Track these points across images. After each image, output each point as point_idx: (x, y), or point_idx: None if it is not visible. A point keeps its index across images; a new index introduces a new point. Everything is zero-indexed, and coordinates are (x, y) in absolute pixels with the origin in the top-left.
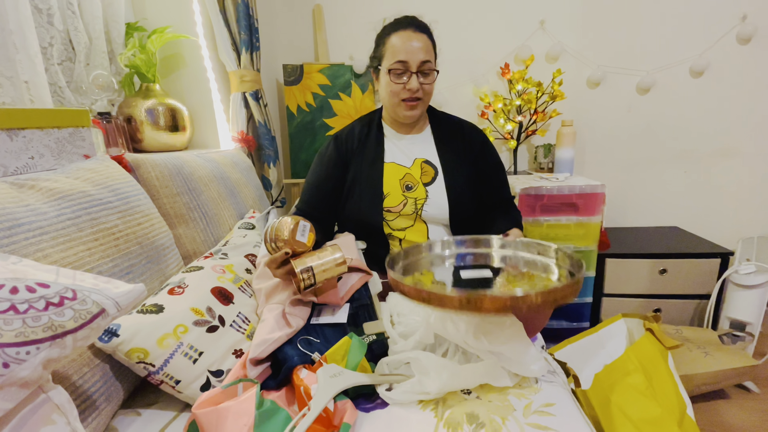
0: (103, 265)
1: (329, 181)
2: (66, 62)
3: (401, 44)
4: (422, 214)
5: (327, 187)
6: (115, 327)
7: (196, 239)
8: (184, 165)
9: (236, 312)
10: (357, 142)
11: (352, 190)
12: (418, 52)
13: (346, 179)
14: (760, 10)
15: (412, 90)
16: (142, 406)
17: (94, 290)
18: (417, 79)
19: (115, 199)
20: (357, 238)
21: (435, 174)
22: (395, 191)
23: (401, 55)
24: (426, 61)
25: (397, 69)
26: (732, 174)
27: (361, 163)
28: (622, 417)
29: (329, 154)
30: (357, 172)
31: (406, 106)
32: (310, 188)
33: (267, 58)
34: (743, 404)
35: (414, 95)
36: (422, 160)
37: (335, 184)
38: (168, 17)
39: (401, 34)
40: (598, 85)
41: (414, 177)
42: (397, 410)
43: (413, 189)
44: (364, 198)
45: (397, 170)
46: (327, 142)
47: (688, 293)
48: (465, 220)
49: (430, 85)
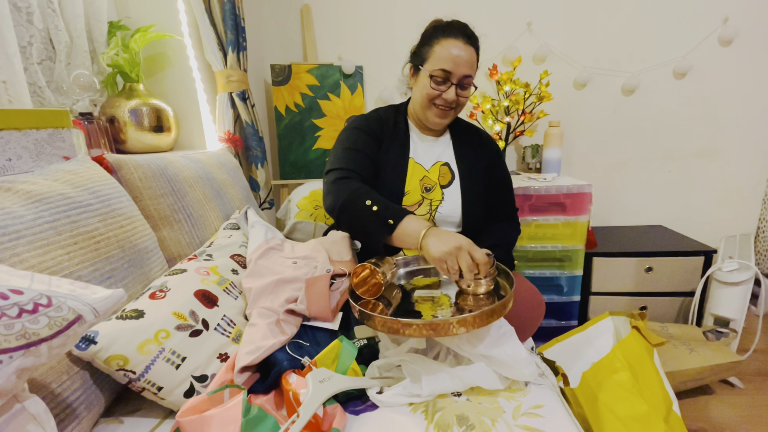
0: (82, 270)
1: (373, 150)
2: (46, 61)
3: (449, 53)
4: (435, 216)
5: (372, 159)
6: (93, 334)
7: (181, 241)
8: (169, 166)
9: (221, 315)
10: (389, 128)
11: (376, 175)
12: (463, 65)
13: (377, 159)
14: (741, 12)
15: (447, 100)
16: (124, 414)
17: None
18: (455, 91)
19: (96, 201)
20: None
21: (452, 178)
22: (415, 191)
23: (447, 64)
24: (468, 76)
25: (438, 76)
26: (714, 174)
27: (389, 151)
28: (610, 415)
29: (370, 126)
30: (385, 159)
31: (439, 112)
32: (357, 154)
33: (254, 58)
34: (728, 400)
35: (449, 105)
36: (441, 163)
37: (375, 156)
38: (152, 16)
39: (452, 43)
40: (584, 86)
41: (432, 179)
42: (387, 413)
43: (431, 191)
44: (386, 189)
45: (419, 170)
46: (365, 116)
47: (673, 291)
48: (474, 224)
49: (465, 99)
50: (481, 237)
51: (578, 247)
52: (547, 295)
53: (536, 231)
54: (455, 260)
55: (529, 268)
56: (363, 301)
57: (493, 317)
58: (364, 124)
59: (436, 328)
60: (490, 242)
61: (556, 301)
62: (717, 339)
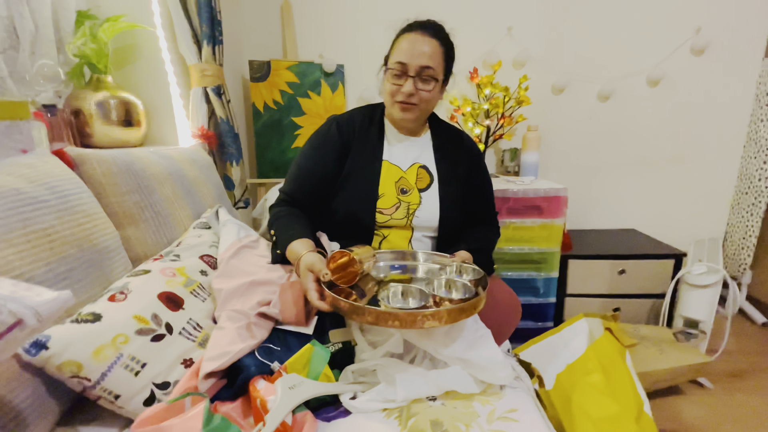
0: (35, 270)
1: (327, 166)
2: (9, 50)
3: (405, 46)
4: (413, 221)
5: (324, 174)
6: (45, 339)
7: (148, 241)
8: (136, 161)
9: (186, 318)
10: (358, 132)
11: (345, 183)
12: (420, 56)
13: (343, 168)
14: (713, 23)
15: (405, 93)
16: (81, 423)
17: (11, 298)
18: (413, 84)
19: (53, 197)
20: (341, 232)
21: (431, 181)
22: (390, 193)
23: (402, 56)
24: (427, 67)
25: (395, 69)
26: (685, 179)
27: (358, 156)
28: (583, 416)
29: (331, 137)
30: (354, 165)
31: (400, 106)
32: (304, 173)
33: (232, 53)
34: (697, 400)
35: (408, 99)
36: (419, 165)
37: (333, 170)
38: (123, 6)
39: (409, 36)
40: (562, 91)
41: (409, 181)
42: (360, 418)
43: (408, 193)
44: (358, 194)
45: (394, 171)
46: (326, 125)
47: (645, 293)
48: (452, 230)
49: (427, 93)
50: (461, 241)
51: (554, 250)
52: (523, 297)
53: (513, 233)
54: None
55: (506, 270)
56: (336, 288)
57: (463, 315)
58: (324, 134)
59: (404, 319)
60: (471, 247)
61: (532, 303)
62: (687, 340)
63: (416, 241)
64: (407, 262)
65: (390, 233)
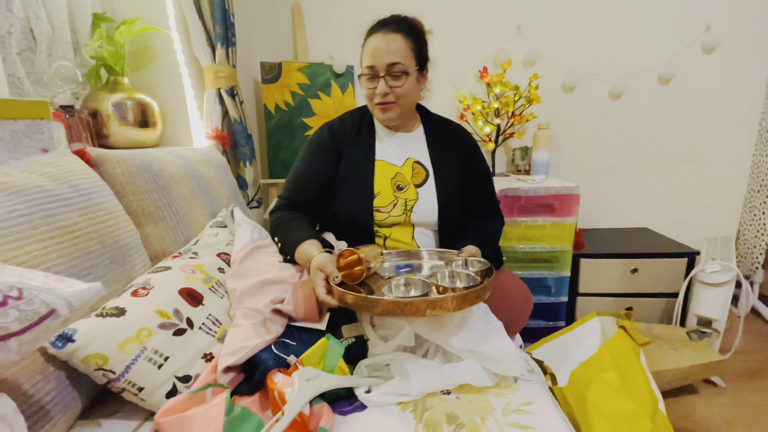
0: (59, 266)
1: (324, 171)
2: (26, 52)
3: (370, 49)
4: (411, 217)
5: (320, 178)
6: (71, 332)
7: (166, 239)
8: (154, 162)
9: (206, 314)
10: (349, 135)
11: (342, 186)
12: (384, 55)
13: (338, 172)
14: (722, 21)
15: (380, 95)
16: (102, 416)
17: (44, 289)
18: (386, 83)
19: (75, 195)
20: (342, 234)
21: (426, 176)
22: (386, 191)
23: (368, 60)
24: (394, 64)
25: (366, 74)
26: (697, 177)
27: (352, 158)
28: (597, 413)
29: (324, 142)
30: (348, 167)
31: (379, 108)
32: (301, 178)
33: (244, 54)
34: (711, 399)
35: (384, 99)
36: (414, 161)
37: (328, 174)
38: (138, 9)
39: (372, 39)
40: (572, 90)
41: (405, 177)
42: (376, 412)
43: (404, 190)
44: (354, 195)
45: (388, 169)
46: (319, 130)
47: (658, 292)
48: (453, 224)
49: (401, 88)
50: (466, 236)
51: (566, 248)
52: (535, 296)
53: (525, 232)
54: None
55: (517, 269)
56: (346, 286)
57: (466, 303)
58: (318, 140)
59: (404, 307)
60: (476, 240)
61: (544, 302)
62: (700, 339)
63: (419, 234)
64: (414, 260)
65: (392, 231)
